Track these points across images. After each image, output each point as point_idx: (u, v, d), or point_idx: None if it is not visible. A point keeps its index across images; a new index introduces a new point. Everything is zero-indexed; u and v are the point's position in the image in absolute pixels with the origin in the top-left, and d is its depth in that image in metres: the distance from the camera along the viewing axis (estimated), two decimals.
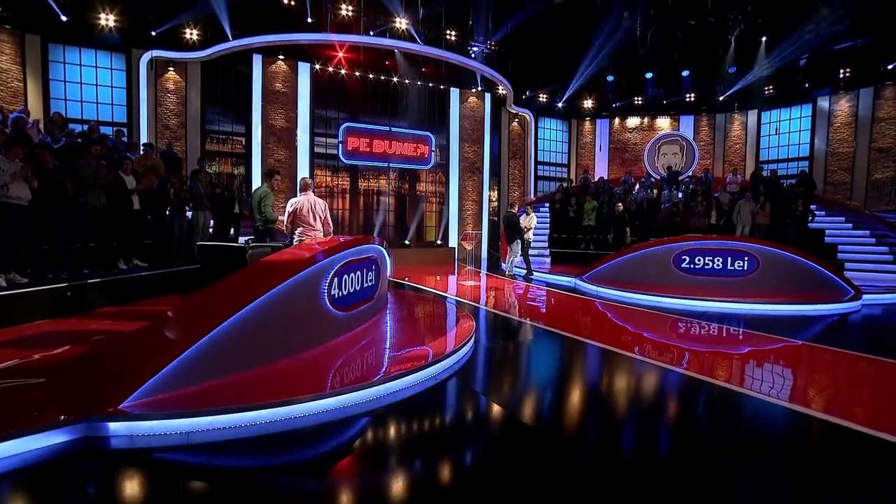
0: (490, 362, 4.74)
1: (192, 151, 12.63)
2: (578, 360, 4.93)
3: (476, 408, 3.58)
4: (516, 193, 18.06)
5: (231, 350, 3.48)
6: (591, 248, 12.70)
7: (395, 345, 4.79)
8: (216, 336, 3.35)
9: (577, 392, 3.96)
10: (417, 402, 3.56)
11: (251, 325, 3.60)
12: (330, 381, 3.71)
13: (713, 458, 2.78)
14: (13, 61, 11.04)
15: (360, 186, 14.57)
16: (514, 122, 17.66)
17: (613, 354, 4.88)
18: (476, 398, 3.75)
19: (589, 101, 18.20)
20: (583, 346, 5.30)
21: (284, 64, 13.09)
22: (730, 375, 4.30)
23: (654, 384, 4.11)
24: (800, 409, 3.48)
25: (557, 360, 4.94)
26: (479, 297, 8.54)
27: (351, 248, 4.86)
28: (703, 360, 4.89)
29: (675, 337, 5.91)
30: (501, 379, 4.33)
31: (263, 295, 3.68)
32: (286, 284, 3.87)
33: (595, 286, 8.87)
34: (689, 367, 4.52)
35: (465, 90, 15.90)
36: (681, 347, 5.39)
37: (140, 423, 2.81)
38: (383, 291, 6.19)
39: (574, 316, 7.07)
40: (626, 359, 4.73)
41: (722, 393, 3.81)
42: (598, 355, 4.98)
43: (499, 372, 4.51)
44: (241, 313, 3.50)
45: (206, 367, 3.31)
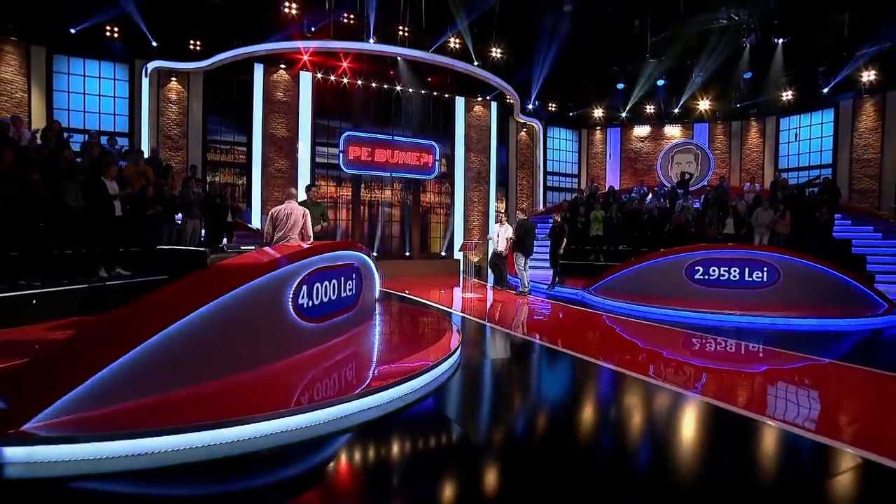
0: (474, 383, 4.26)
1: (193, 161, 12.51)
2: (578, 384, 4.40)
3: (440, 440, 3.11)
4: (525, 204, 17.60)
5: (174, 362, 3.10)
6: (601, 260, 12.14)
7: (371, 361, 4.36)
8: (153, 346, 2.97)
9: (573, 424, 3.46)
10: (374, 428, 3.11)
11: (198, 335, 3.22)
12: (286, 399, 3.29)
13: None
14: (18, 72, 11.12)
15: (363, 197, 14.30)
16: (523, 132, 17.30)
17: (619, 375, 4.35)
18: (445, 427, 3.28)
19: (599, 110, 17.76)
20: (584, 365, 4.77)
21: (286, 73, 12.99)
22: (748, 401, 3.76)
23: (663, 412, 3.59)
24: (828, 441, 2.93)
25: (552, 382, 4.43)
26: (477, 310, 8.07)
27: (322, 253, 4.47)
28: (718, 383, 4.35)
29: (687, 355, 5.35)
30: (482, 404, 3.82)
31: (211, 302, 3.31)
32: (240, 291, 3.49)
33: (602, 298, 8.33)
34: (706, 392, 3.98)
35: (470, 99, 15.62)
36: (693, 367, 4.84)
37: (42, 448, 2.42)
38: (368, 302, 5.78)
39: (577, 331, 6.54)
40: (632, 381, 4.20)
41: (741, 423, 3.27)
42: (601, 376, 4.46)
43: (481, 396, 4.02)
44: (183, 321, 3.12)
45: (142, 381, 2.93)
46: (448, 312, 7.35)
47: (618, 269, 9.05)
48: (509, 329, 6.38)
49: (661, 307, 7.33)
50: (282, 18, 12.34)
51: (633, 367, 4.61)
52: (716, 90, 15.78)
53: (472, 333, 6.12)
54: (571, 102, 17.57)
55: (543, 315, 7.81)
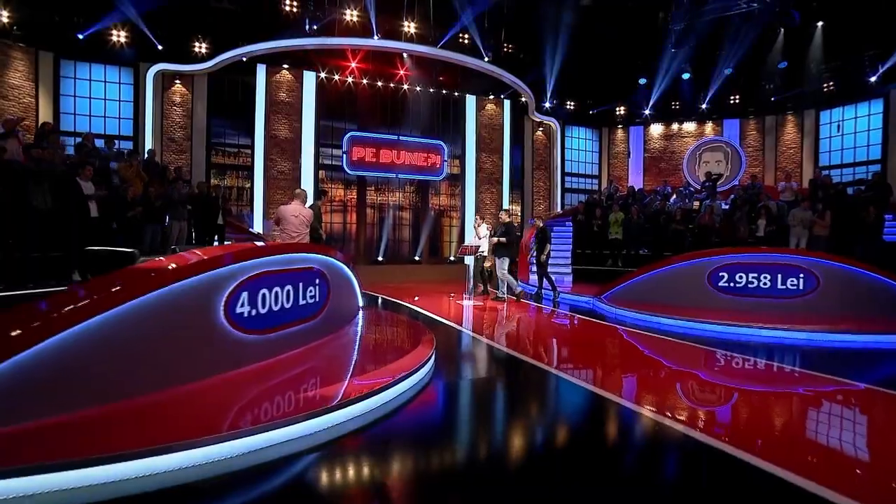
0: (433, 413, 3.60)
1: (197, 164, 12.39)
2: (566, 420, 3.67)
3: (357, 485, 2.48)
4: (541, 206, 16.84)
5: (63, 379, 2.61)
6: (619, 265, 11.27)
7: (318, 380, 3.78)
8: (34, 359, 2.50)
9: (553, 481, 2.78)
10: (285, 467, 2.51)
11: (96, 347, 2.73)
12: (185, 428, 2.74)
13: None
14: (26, 78, 11.20)
15: (369, 199, 13.85)
16: (539, 131, 16.55)
17: (620, 409, 3.61)
18: (367, 471, 2.65)
19: (621, 108, 16.83)
20: (574, 391, 4.06)
21: (289, 73, 12.70)
22: (784, 448, 2.98)
23: (662, 460, 2.87)
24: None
25: (534, 416, 3.68)
26: (467, 319, 7.38)
27: (267, 255, 3.94)
28: (739, 421, 3.57)
29: (703, 381, 4.55)
30: (431, 444, 3.01)
31: (112, 309, 2.81)
32: (146, 299, 2.98)
33: (614, 308, 7.53)
34: (732, 439, 3.23)
35: (482, 97, 15.01)
36: (712, 398, 4.06)
37: None
38: (338, 311, 5.22)
39: (579, 349, 5.78)
40: (637, 417, 3.47)
41: (776, 485, 2.52)
42: (594, 408, 3.73)
43: (438, 431, 3.24)
44: (73, 330, 2.64)
45: (22, 400, 2.46)
46: (435, 322, 6.72)
47: (632, 275, 8.22)
48: (497, 342, 5.69)
49: (679, 318, 6.48)
50: (284, 17, 12.08)
51: (636, 395, 3.87)
52: (747, 83, 14.64)
53: (452, 346, 5.48)
54: (591, 100, 16.71)
55: (543, 326, 7.08)
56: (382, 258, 13.83)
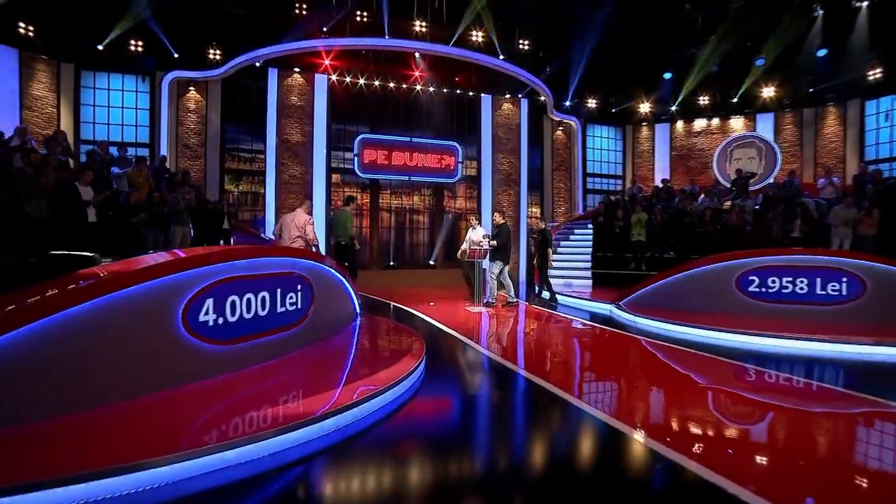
0: (393, 446, 3.19)
1: (211, 170, 12.45)
2: (572, 469, 3.19)
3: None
4: (562, 208, 16.26)
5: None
6: (643, 268, 10.62)
7: (284, 395, 3.44)
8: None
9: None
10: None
11: (32, 360, 2.49)
12: (126, 449, 2.44)
13: None
14: (49, 89, 11.48)
15: (382, 203, 13.62)
16: (559, 131, 15.99)
17: (646, 454, 3.11)
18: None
19: (645, 104, 16.08)
20: (590, 424, 3.42)
21: (301, 77, 12.63)
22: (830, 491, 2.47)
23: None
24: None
25: (530, 451, 3.25)
26: (473, 327, 6.92)
27: (236, 259, 3.65)
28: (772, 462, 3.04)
29: (729, 405, 4.01)
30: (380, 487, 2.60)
31: (47, 316, 2.57)
32: (91, 305, 2.73)
33: (633, 315, 6.96)
34: (766, 492, 2.72)
35: (498, 97, 14.59)
36: (738, 427, 3.53)
37: None
38: (326, 318, 4.92)
39: (592, 366, 5.24)
40: (658, 459, 2.99)
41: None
42: (610, 447, 3.24)
43: (389, 469, 2.80)
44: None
45: None
46: (435, 329, 6.33)
47: (652, 280, 7.63)
48: (499, 355, 5.25)
49: (703, 327, 5.88)
50: (295, 20, 12.01)
51: (650, 423, 3.38)
52: (782, 73, 13.70)
53: (445, 358, 5.08)
54: (613, 97, 16.05)
55: (550, 336, 6.59)
56: (397, 262, 13.56)
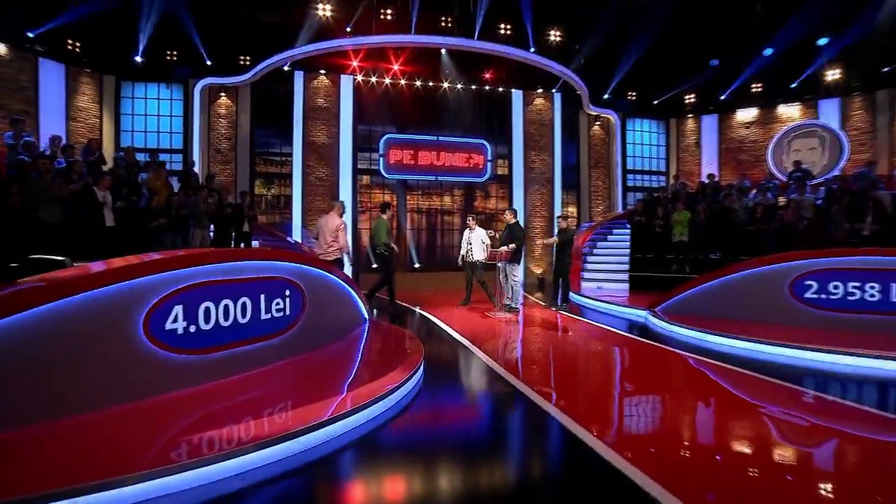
0: (363, 476, 2.81)
1: (241, 174, 12.62)
2: None
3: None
4: (600, 207, 15.44)
5: None
6: (686, 270, 9.75)
7: (254, 410, 3.14)
8: None
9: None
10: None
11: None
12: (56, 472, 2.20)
13: None
14: (92, 100, 12.02)
15: (410, 204, 13.35)
16: (596, 126, 15.20)
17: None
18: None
19: (690, 95, 15.00)
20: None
21: (326, 78, 12.59)
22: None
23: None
24: None
25: None
26: (486, 336, 6.45)
27: (204, 263, 3.41)
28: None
29: (784, 435, 3.35)
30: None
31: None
32: (30, 314, 2.54)
33: (668, 324, 6.28)
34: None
35: (529, 92, 14.01)
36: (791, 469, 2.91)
37: None
38: (321, 325, 4.62)
39: (627, 392, 4.34)
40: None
41: None
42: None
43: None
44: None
45: None
46: (443, 334, 5.91)
47: (691, 283, 6.87)
48: (499, 365, 4.76)
49: (750, 340, 5.15)
50: (320, 22, 11.97)
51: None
52: (848, 53, 12.32)
53: (447, 369, 4.66)
54: (655, 88, 15.07)
55: (571, 348, 6.01)
56: (424, 264, 13.26)
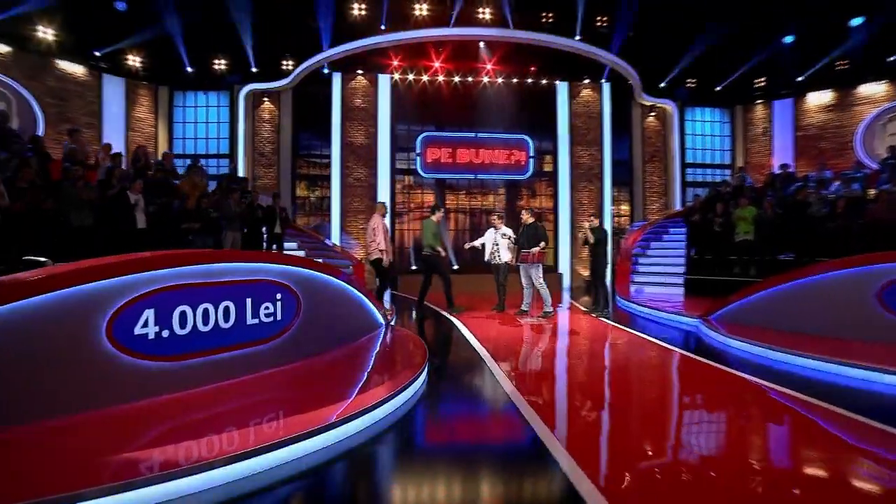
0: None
1: (284, 176, 12.84)
2: None
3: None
4: (656, 205, 14.29)
5: None
6: (752, 273, 8.65)
7: (221, 423, 2.87)
8: None
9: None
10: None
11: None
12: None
13: None
14: (149, 110, 12.72)
15: (450, 203, 12.98)
16: (650, 117, 14.08)
17: None
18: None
19: (761, 78, 13.49)
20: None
21: (364, 79, 12.51)
22: None
23: None
24: None
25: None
26: (513, 348, 5.87)
27: (178, 265, 3.20)
28: None
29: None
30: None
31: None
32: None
33: (724, 336, 5.45)
34: None
35: (575, 83, 13.20)
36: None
37: None
38: (321, 331, 4.34)
39: (682, 442, 3.00)
40: None
41: None
42: None
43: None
44: None
45: None
46: (462, 343, 5.45)
47: (753, 289, 5.96)
48: (514, 390, 4.20)
49: (825, 358, 4.28)
50: (356, 21, 11.93)
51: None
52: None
53: (453, 385, 4.22)
54: (717, 73, 13.70)
55: (609, 367, 5.35)
56: (463, 266, 12.83)
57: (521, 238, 7.37)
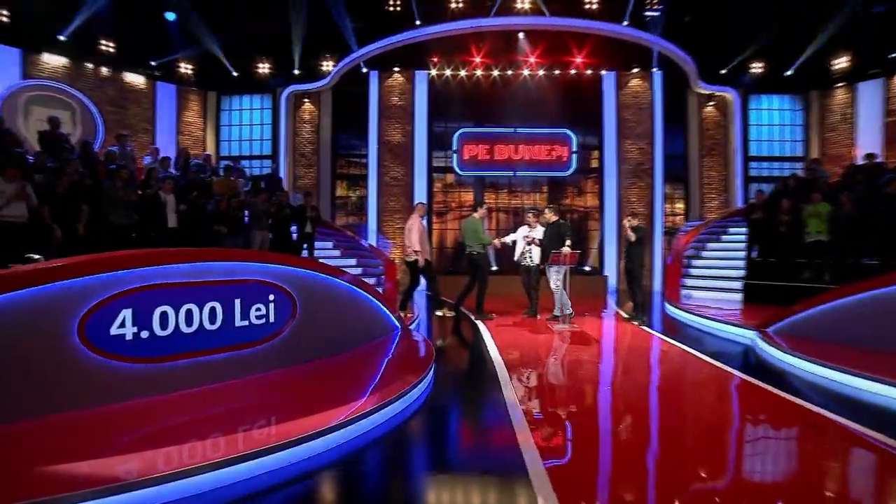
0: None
1: (324, 176, 12.96)
2: None
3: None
4: (715, 202, 13.13)
5: None
6: (825, 279, 7.59)
7: (191, 431, 2.69)
8: None
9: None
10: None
11: None
12: None
13: None
14: (198, 115, 13.27)
15: (489, 202, 12.53)
16: (709, 106, 12.95)
17: None
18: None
19: (841, 58, 11.98)
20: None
21: (401, 76, 12.35)
22: None
23: None
24: None
25: None
26: (529, 358, 5.35)
27: (158, 265, 3.06)
28: None
29: None
30: None
31: None
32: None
33: (784, 353, 4.71)
34: None
35: (623, 72, 12.36)
36: None
37: None
38: (317, 335, 4.12)
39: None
40: None
41: None
42: None
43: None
44: None
45: None
46: (480, 354, 5.04)
47: (823, 298, 5.12)
48: (524, 413, 3.68)
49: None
50: (391, 16, 11.79)
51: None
52: None
53: (438, 410, 3.84)
54: (787, 56, 12.32)
55: (648, 389, 4.75)
56: (502, 267, 12.36)
57: (545, 238, 6.84)
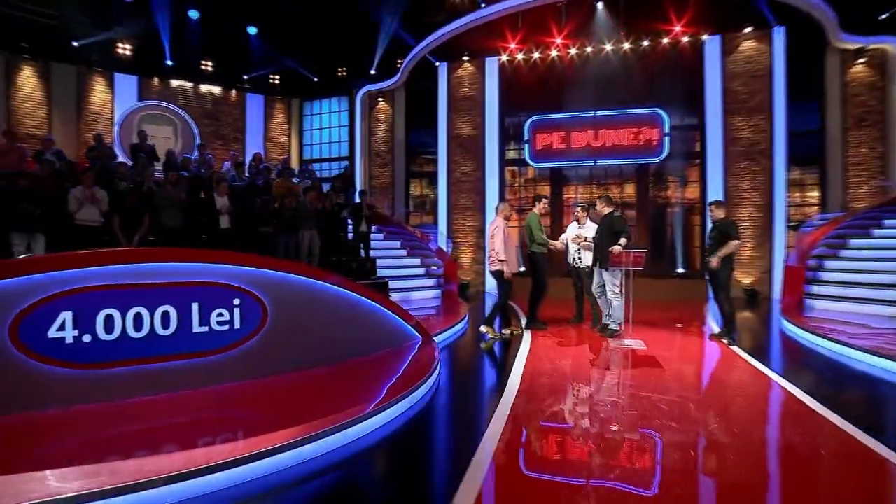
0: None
1: (398, 175, 12.90)
2: None
3: None
4: (864, 188, 10.43)
5: None
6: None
7: (141, 443, 2.44)
8: None
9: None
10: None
11: None
12: None
13: None
14: (283, 122, 14.11)
15: (566, 196, 11.39)
16: (857, 65, 10.29)
17: None
18: None
19: None
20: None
21: (470, 65, 11.72)
22: None
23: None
24: None
25: None
26: (558, 388, 4.19)
27: (103, 264, 2.90)
28: None
29: None
30: None
31: None
32: None
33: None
34: None
35: (731, 34, 10.32)
36: None
37: None
38: (293, 342, 3.74)
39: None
40: None
41: None
42: None
43: None
44: None
45: None
46: (493, 375, 4.25)
47: None
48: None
49: None
50: (454, 5, 11.25)
51: None
52: None
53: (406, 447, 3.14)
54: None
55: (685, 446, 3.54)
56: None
57: (596, 235, 5.74)
